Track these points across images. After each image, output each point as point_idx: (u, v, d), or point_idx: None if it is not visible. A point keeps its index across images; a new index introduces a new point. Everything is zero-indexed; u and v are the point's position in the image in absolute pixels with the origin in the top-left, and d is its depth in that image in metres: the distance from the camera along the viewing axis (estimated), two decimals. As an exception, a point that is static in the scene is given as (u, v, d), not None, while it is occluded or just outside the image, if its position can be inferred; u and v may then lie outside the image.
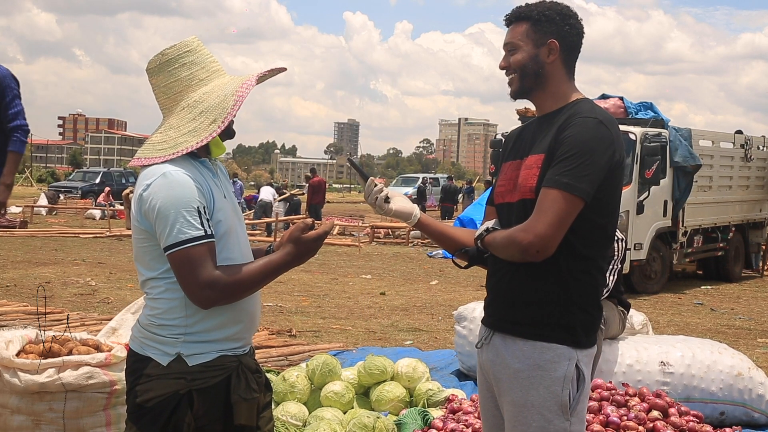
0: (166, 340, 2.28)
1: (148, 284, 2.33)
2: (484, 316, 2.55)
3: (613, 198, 2.39)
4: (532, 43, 2.43)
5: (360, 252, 17.09)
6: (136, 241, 2.33)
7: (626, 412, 4.21)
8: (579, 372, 2.36)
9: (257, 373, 2.41)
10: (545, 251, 2.28)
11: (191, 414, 2.26)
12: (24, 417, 3.59)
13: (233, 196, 2.49)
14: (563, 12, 2.44)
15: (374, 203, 2.54)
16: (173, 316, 2.28)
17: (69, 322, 4.44)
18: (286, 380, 4.76)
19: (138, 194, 2.27)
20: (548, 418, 2.34)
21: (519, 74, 2.45)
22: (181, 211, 2.20)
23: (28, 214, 23.80)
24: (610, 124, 2.34)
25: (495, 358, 2.45)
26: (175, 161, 2.28)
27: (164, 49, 2.40)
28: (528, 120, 3.15)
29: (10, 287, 10.34)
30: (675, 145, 11.72)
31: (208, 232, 2.23)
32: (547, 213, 2.25)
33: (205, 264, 2.21)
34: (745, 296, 11.95)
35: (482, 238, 2.47)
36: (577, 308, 2.36)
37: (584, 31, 2.49)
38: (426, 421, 4.48)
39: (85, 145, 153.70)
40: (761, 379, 4.88)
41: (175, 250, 2.20)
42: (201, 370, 2.28)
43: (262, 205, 23.03)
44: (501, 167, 2.59)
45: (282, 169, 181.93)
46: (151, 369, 2.28)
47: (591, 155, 2.27)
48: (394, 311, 9.55)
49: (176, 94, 2.36)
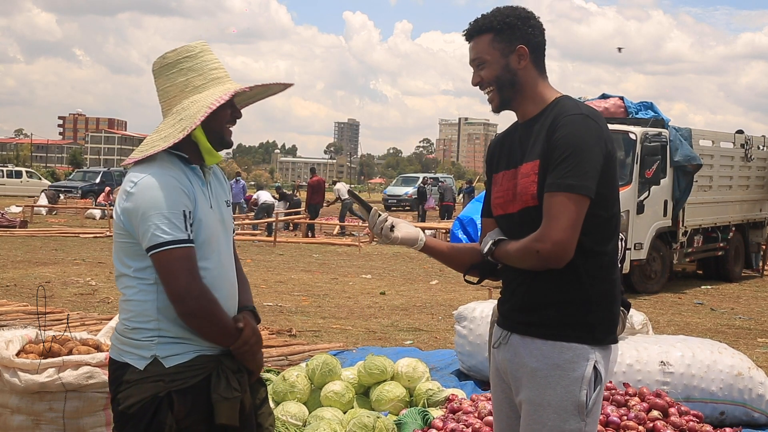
0: (141, 343, 2.29)
1: (122, 281, 2.35)
2: (500, 318, 2.53)
3: (613, 190, 2.39)
4: (499, 54, 2.41)
5: (360, 252, 17.08)
6: (116, 236, 2.35)
7: (626, 411, 4.21)
8: (597, 373, 2.36)
9: (239, 373, 2.39)
10: (565, 256, 2.27)
11: (172, 416, 2.25)
12: (24, 417, 3.59)
13: (224, 208, 2.49)
14: (522, 15, 2.43)
15: (380, 233, 2.53)
16: (146, 318, 2.29)
17: (69, 322, 4.44)
18: (286, 380, 4.76)
19: (123, 191, 2.29)
20: (564, 418, 2.34)
21: (496, 87, 2.44)
22: (164, 212, 2.22)
23: (28, 214, 23.81)
24: (596, 117, 2.34)
25: (513, 357, 2.44)
26: (163, 164, 2.30)
27: (167, 52, 2.42)
28: None
29: (10, 287, 10.34)
30: (675, 144, 11.71)
31: (190, 237, 2.25)
32: (559, 218, 2.25)
33: (189, 271, 2.22)
34: (745, 296, 11.94)
35: (492, 253, 2.46)
36: (596, 306, 2.36)
37: (543, 27, 2.47)
38: (426, 421, 4.47)
39: (85, 145, 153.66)
40: (761, 379, 4.88)
41: (157, 251, 2.22)
42: (179, 371, 2.28)
43: (264, 207, 23.04)
44: (492, 178, 2.56)
45: (282, 168, 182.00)
46: (129, 375, 2.29)
47: (586, 152, 2.27)
48: (394, 311, 9.55)
49: (171, 99, 2.39)
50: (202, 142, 2.37)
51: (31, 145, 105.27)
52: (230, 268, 2.46)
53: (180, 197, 2.25)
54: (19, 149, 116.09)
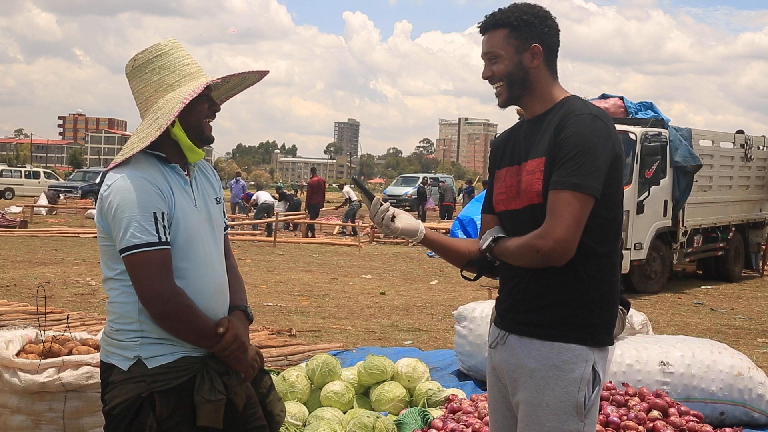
0: (125, 344, 2.30)
1: (108, 284, 2.36)
2: (498, 319, 2.52)
3: (618, 191, 2.38)
4: (513, 50, 2.40)
5: (360, 252, 17.09)
6: (99, 239, 2.36)
7: (626, 412, 4.21)
8: (595, 374, 2.36)
9: (226, 375, 2.38)
10: (567, 255, 2.27)
11: (153, 417, 2.25)
12: (24, 417, 3.59)
13: (212, 205, 2.47)
14: (540, 14, 2.42)
15: (380, 222, 2.52)
16: (129, 319, 2.30)
17: (69, 322, 4.44)
18: (286, 380, 4.76)
19: (100, 194, 2.30)
20: (563, 418, 2.33)
21: (506, 83, 2.43)
22: (135, 214, 2.21)
23: (28, 214, 23.81)
24: (605, 118, 2.34)
25: (510, 358, 2.43)
26: (138, 165, 2.29)
27: (137, 53, 2.39)
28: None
29: (10, 287, 10.34)
30: (675, 144, 11.71)
31: (162, 239, 2.23)
32: (563, 216, 2.24)
33: (159, 272, 2.21)
34: (745, 296, 11.94)
35: (491, 249, 2.45)
36: (596, 306, 2.35)
37: (559, 27, 2.46)
38: (426, 421, 4.47)
39: (85, 145, 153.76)
40: (761, 379, 4.88)
41: (128, 253, 2.22)
42: (162, 372, 2.28)
43: (264, 207, 23.04)
44: (495, 174, 2.56)
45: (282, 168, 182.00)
46: (114, 376, 2.31)
47: (593, 151, 2.26)
48: (394, 311, 9.55)
49: (147, 99, 2.37)
50: (182, 140, 2.35)
51: (31, 145, 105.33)
52: (217, 267, 2.44)
53: (151, 198, 2.24)
54: (19, 149, 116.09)
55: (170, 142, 2.35)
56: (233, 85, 2.58)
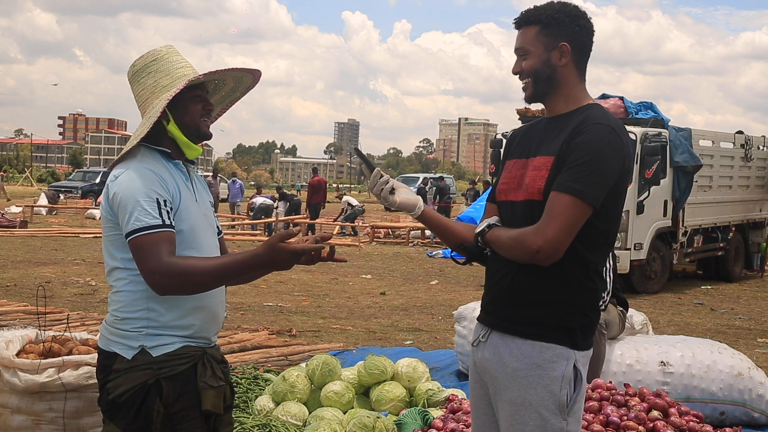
0: (129, 333, 2.36)
1: (113, 275, 2.42)
2: (482, 314, 2.54)
3: (618, 205, 2.40)
4: (543, 47, 2.41)
5: (360, 252, 17.09)
6: (104, 230, 2.44)
7: (626, 412, 4.21)
8: (576, 372, 2.37)
9: (223, 364, 2.51)
10: (554, 256, 2.28)
11: (160, 401, 2.32)
12: (24, 417, 3.59)
13: (208, 207, 2.57)
14: (572, 13, 2.42)
15: (379, 194, 2.54)
16: (135, 308, 2.36)
17: (69, 322, 4.44)
18: (286, 380, 4.76)
19: (106, 185, 2.41)
20: (545, 417, 2.34)
21: (533, 79, 2.44)
22: (140, 200, 2.31)
23: (28, 214, 23.82)
24: (622, 132, 2.34)
25: (492, 356, 2.44)
26: (143, 159, 2.42)
27: (136, 59, 2.54)
28: (528, 120, 3.15)
29: (10, 287, 10.34)
30: (675, 145, 11.72)
31: (166, 222, 2.31)
32: (558, 218, 2.26)
33: (159, 250, 2.27)
34: (745, 296, 11.94)
35: (483, 235, 2.46)
36: (577, 311, 2.37)
37: (594, 29, 2.46)
38: (426, 421, 4.48)
39: (85, 145, 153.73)
40: (761, 379, 4.89)
41: (133, 237, 2.29)
42: (166, 360, 2.35)
43: (262, 207, 23.03)
44: (504, 164, 2.57)
45: (282, 168, 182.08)
46: (118, 364, 2.36)
47: (603, 163, 2.27)
48: (394, 311, 9.55)
49: (145, 102, 2.50)
50: (178, 137, 2.47)
51: (31, 145, 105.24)
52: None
53: (154, 186, 2.34)
54: (19, 149, 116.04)
55: (169, 140, 2.48)
56: (231, 89, 2.69)
